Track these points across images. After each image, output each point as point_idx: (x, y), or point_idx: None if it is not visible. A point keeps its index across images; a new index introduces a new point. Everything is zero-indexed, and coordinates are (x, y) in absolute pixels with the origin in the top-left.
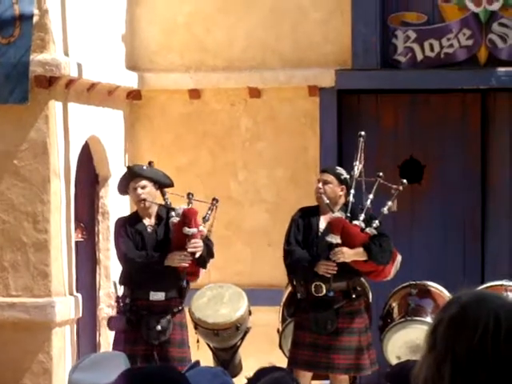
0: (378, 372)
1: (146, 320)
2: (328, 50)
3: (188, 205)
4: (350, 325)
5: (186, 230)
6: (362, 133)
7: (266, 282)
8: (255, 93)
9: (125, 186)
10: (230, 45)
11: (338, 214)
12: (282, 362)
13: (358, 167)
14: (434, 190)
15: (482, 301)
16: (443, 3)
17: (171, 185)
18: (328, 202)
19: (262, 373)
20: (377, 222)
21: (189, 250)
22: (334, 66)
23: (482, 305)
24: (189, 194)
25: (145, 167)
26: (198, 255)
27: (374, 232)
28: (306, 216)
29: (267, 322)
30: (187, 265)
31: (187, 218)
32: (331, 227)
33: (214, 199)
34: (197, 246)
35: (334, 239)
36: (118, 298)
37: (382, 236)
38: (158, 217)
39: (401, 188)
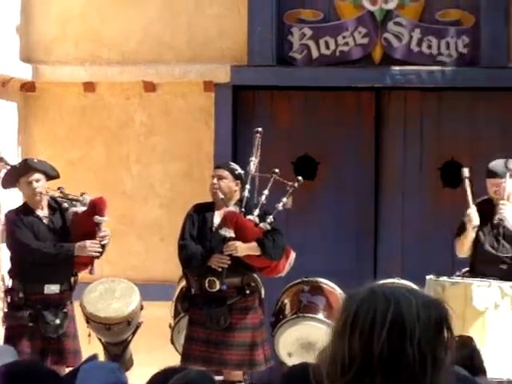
0: (270, 369)
1: (42, 314)
2: (224, 45)
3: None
4: (244, 320)
5: (98, 218)
6: (259, 129)
7: (159, 276)
8: (150, 87)
9: (15, 179)
10: (126, 38)
11: (233, 209)
12: (174, 356)
13: (254, 163)
14: (328, 187)
15: (373, 297)
16: (339, 1)
17: (57, 176)
18: (223, 197)
19: (168, 373)
20: (271, 217)
21: (98, 238)
22: (230, 62)
23: (372, 301)
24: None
25: (35, 160)
26: (105, 242)
27: (268, 227)
28: (201, 211)
29: (159, 316)
30: (98, 254)
31: (98, 206)
32: (225, 221)
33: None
34: (107, 235)
35: (228, 233)
36: (7, 291)
37: (275, 231)
38: (51, 207)
39: (296, 185)
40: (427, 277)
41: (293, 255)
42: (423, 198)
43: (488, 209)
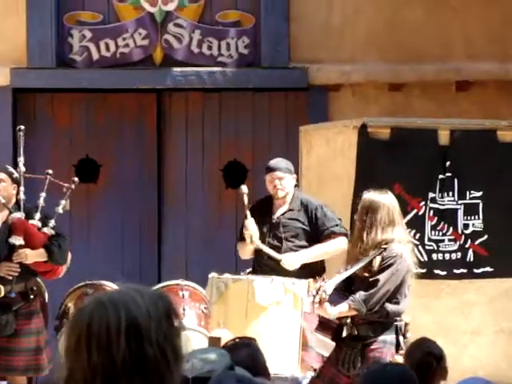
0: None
1: None
2: (3, 47)
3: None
4: (29, 326)
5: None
6: (22, 127)
7: None
8: None
9: None
10: None
11: (18, 215)
12: None
13: (22, 162)
14: (111, 189)
15: (102, 308)
16: (118, 3)
17: None
18: (4, 201)
19: None
20: (53, 221)
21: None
22: (9, 65)
23: (103, 311)
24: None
25: None
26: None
27: (52, 232)
28: None
29: None
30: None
31: (15, 227)
32: (14, 228)
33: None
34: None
35: (18, 241)
36: None
37: (59, 236)
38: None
39: (73, 186)
40: (210, 275)
41: (69, 256)
42: (206, 199)
43: (268, 206)
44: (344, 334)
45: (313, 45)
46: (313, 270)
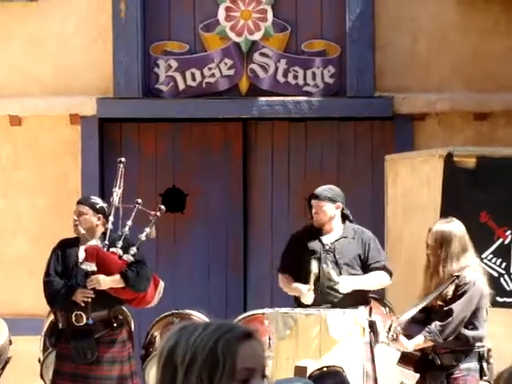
0: None
1: None
2: (89, 77)
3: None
4: (111, 354)
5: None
6: (122, 159)
7: (28, 311)
8: (16, 121)
9: None
10: None
11: (94, 242)
12: None
13: (117, 193)
14: (197, 218)
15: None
16: (204, 33)
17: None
18: (84, 232)
19: None
20: (134, 248)
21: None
22: (96, 95)
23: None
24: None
25: None
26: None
27: (132, 259)
28: (66, 247)
29: (28, 351)
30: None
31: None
32: (86, 255)
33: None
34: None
35: (89, 266)
36: None
37: (139, 263)
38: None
39: (158, 214)
40: (268, 310)
41: (162, 285)
42: (292, 228)
43: (316, 233)
44: (427, 364)
45: (398, 74)
46: (362, 298)
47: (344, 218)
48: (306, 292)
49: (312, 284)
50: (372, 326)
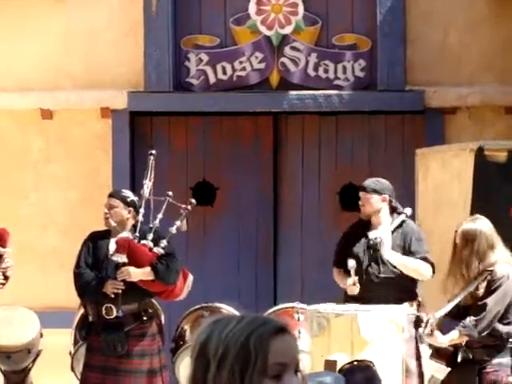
0: None
1: None
2: (120, 71)
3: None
4: (141, 347)
5: (1, 249)
6: (153, 151)
7: (59, 304)
8: (47, 114)
9: None
10: (23, 66)
11: (125, 234)
12: None
13: (147, 186)
14: (227, 212)
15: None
16: (235, 26)
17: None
18: (115, 225)
19: None
20: (165, 241)
21: (1, 269)
22: (127, 88)
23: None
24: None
25: None
26: (8, 274)
27: (162, 252)
28: (97, 239)
29: (59, 344)
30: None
31: (0, 237)
32: (117, 247)
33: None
34: (9, 266)
35: (120, 258)
36: None
37: (169, 256)
38: None
39: (189, 207)
40: (308, 307)
41: (190, 278)
42: (322, 222)
43: (366, 226)
44: (459, 358)
45: (429, 67)
46: (407, 294)
47: (393, 210)
48: (351, 284)
49: (354, 277)
50: (418, 321)
